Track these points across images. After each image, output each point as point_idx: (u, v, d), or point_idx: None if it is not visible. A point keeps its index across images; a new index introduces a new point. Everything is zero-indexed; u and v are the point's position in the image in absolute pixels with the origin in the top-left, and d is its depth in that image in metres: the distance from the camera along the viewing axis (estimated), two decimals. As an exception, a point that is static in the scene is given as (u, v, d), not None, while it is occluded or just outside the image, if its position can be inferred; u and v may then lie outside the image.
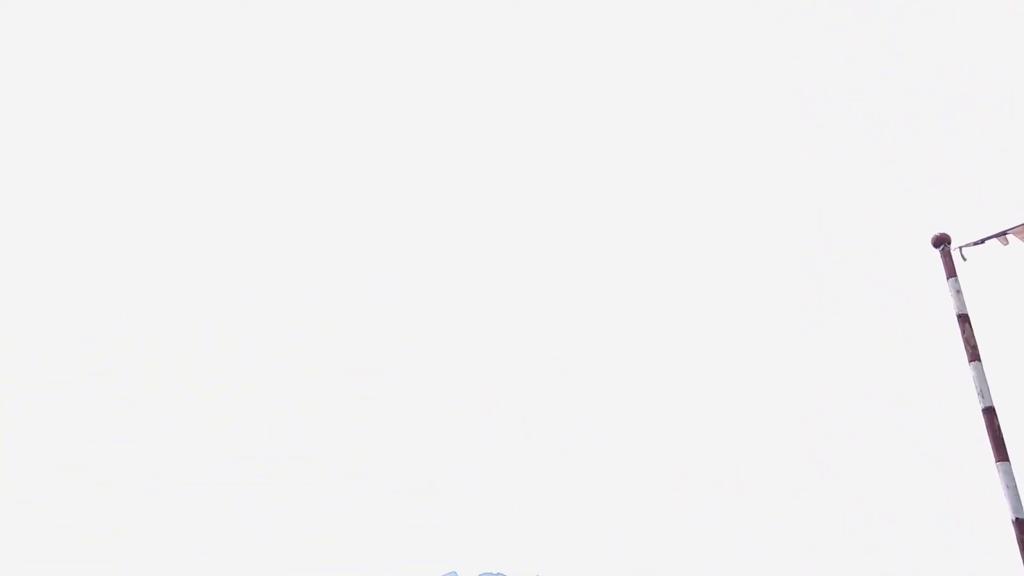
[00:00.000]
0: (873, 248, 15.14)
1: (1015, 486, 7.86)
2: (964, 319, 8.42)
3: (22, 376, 17.59)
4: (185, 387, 17.76)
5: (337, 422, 17.28)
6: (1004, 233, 8.74)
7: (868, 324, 15.04)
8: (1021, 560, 7.78)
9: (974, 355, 8.31)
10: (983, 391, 8.19)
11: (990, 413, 8.12)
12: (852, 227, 16.02)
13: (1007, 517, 7.80)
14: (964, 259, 8.69)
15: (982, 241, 8.75)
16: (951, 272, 8.61)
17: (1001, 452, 7.99)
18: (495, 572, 14.12)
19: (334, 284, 18.56)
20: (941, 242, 8.70)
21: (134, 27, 18.66)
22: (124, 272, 18.77)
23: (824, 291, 15.75)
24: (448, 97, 18.74)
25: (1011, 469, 7.93)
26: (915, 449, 13.56)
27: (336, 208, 19.02)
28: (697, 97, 18.54)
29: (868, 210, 15.99)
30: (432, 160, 19.01)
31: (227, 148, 19.15)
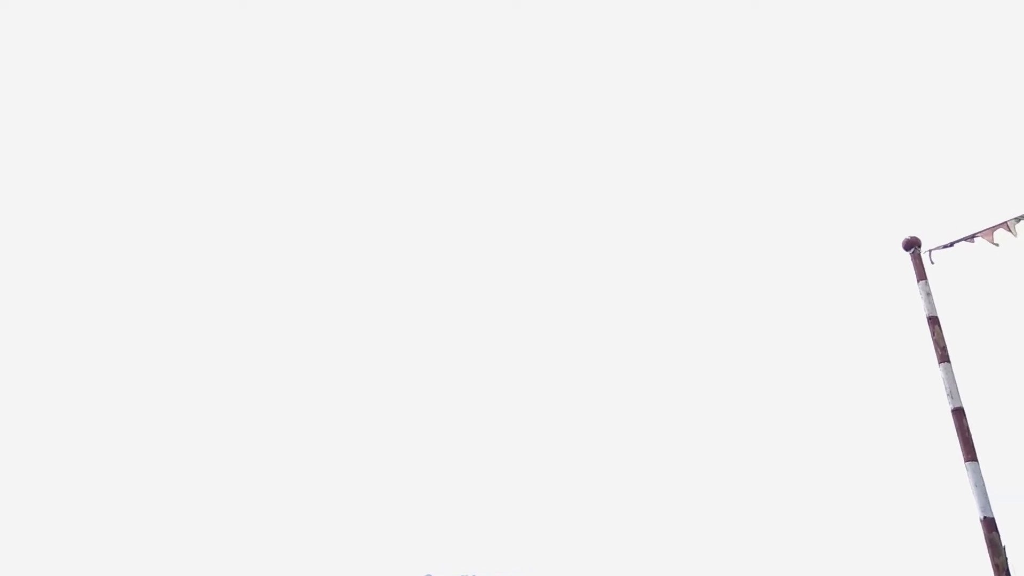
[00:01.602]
0: (843, 250, 15.31)
1: (983, 485, 8.00)
2: (934, 321, 8.55)
3: (22, 376, 17.48)
4: (176, 386, 17.68)
5: (307, 422, 17.25)
6: (972, 236, 8.88)
7: (839, 326, 15.20)
8: (988, 558, 7.92)
9: (943, 356, 8.44)
10: (952, 392, 8.32)
11: (959, 414, 8.24)
12: (822, 229, 16.19)
13: (975, 516, 7.94)
14: (933, 262, 8.82)
15: (951, 244, 8.89)
16: (921, 275, 8.73)
17: (970, 452, 8.12)
18: (471, 574, 14.14)
19: (330, 283, 18.54)
20: (911, 245, 8.82)
21: (134, 27, 18.57)
22: (123, 272, 18.66)
23: (794, 293, 15.91)
24: (448, 97, 18.76)
25: (979, 468, 8.06)
26: (885, 449, 13.73)
27: (336, 208, 18.99)
28: (663, 98, 18.68)
29: (838, 213, 16.16)
30: (432, 160, 19.02)
31: (226, 148, 19.08)
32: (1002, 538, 7.91)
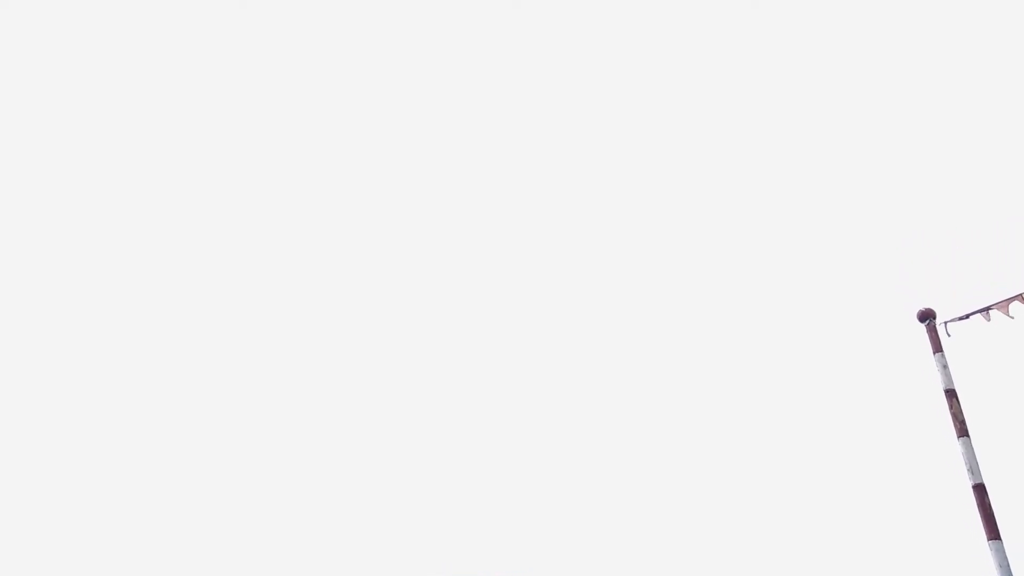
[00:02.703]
0: (858, 323, 15.21)
1: (1007, 565, 7.75)
2: (951, 394, 8.41)
3: (21, 376, 17.50)
4: (176, 386, 17.61)
5: (307, 422, 17.13)
6: (987, 309, 8.80)
7: (855, 399, 15.00)
8: (1016, 642, 7.63)
9: (962, 431, 8.28)
10: (972, 467, 8.13)
11: (980, 490, 8.04)
12: (836, 301, 16.12)
13: (1001, 597, 7.67)
14: (949, 335, 8.73)
15: (967, 316, 8.80)
16: (937, 347, 8.62)
17: (992, 530, 7.90)
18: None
19: (328, 283, 18.53)
20: (926, 317, 8.73)
21: (134, 27, 18.90)
22: (123, 272, 18.73)
23: (810, 364, 15.75)
24: (448, 97, 18.92)
25: (1003, 547, 7.81)
26: (904, 528, 13.41)
27: (336, 208, 19.07)
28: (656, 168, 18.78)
29: (852, 284, 16.11)
30: (432, 161, 19.13)
31: (226, 148, 19.26)
32: (1029, 621, 7.64)
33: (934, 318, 8.73)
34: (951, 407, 8.36)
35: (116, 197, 18.92)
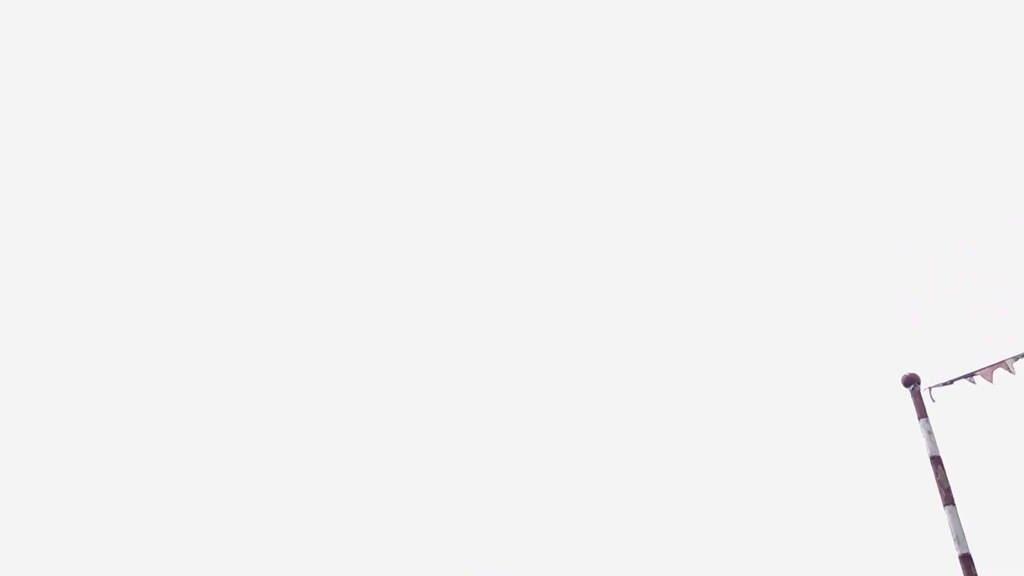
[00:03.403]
0: (842, 387, 15.14)
1: (996, 638, 7.56)
2: (937, 461, 8.30)
3: (21, 376, 17.32)
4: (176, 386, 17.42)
5: (307, 422, 16.95)
6: (972, 375, 8.75)
7: (841, 466, 14.87)
8: None
9: (948, 499, 8.15)
10: (959, 536, 7.98)
11: (967, 561, 7.89)
12: (820, 365, 16.08)
13: (990, 672, 7.48)
14: (933, 400, 8.65)
15: (951, 382, 8.74)
16: (922, 413, 8.54)
17: (980, 601, 7.73)
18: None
19: (329, 283, 18.41)
20: (911, 382, 8.66)
21: (134, 27, 18.96)
22: (123, 272, 18.60)
23: (794, 429, 15.65)
24: (448, 97, 18.95)
25: (991, 620, 7.64)
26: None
27: (336, 208, 18.99)
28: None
29: (836, 348, 16.09)
30: (432, 161, 19.11)
31: (226, 148, 19.22)
32: None
33: (919, 383, 8.66)
34: (936, 474, 8.25)
35: (116, 197, 18.98)
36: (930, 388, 8.65)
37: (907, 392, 8.64)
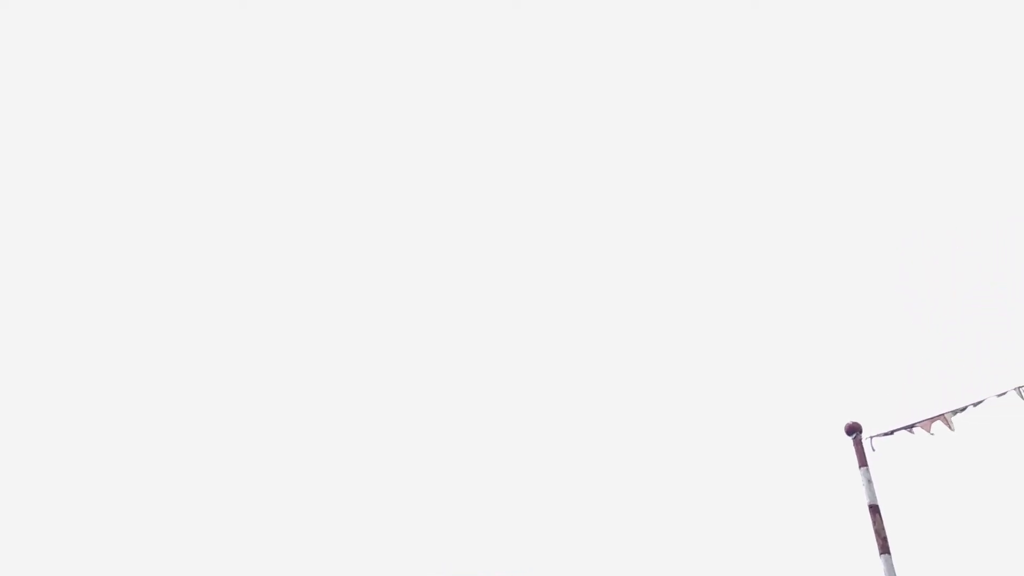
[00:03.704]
0: (785, 434, 15.32)
1: None
2: (875, 510, 8.43)
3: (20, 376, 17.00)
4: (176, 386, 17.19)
5: (307, 422, 16.78)
6: (912, 426, 8.92)
7: (778, 511, 15.01)
8: None
9: (884, 547, 8.28)
10: (893, 585, 8.11)
11: (900, 609, 8.01)
12: (764, 412, 16.26)
13: None
14: (874, 449, 8.80)
15: (891, 432, 8.90)
16: (863, 461, 8.68)
17: (911, 650, 7.84)
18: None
19: (328, 283, 18.26)
20: (853, 430, 8.80)
21: (134, 27, 18.78)
22: (124, 272, 18.33)
23: (736, 473, 15.76)
24: (448, 97, 18.92)
25: (921, 669, 7.75)
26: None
27: (335, 208, 18.84)
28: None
29: (780, 395, 16.28)
30: (431, 160, 19.04)
31: (226, 148, 19.03)
32: None
33: (861, 432, 8.81)
34: (874, 523, 8.38)
35: (116, 197, 18.80)
36: (871, 437, 8.81)
37: (849, 440, 8.79)
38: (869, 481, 8.56)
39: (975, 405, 8.80)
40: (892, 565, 8.18)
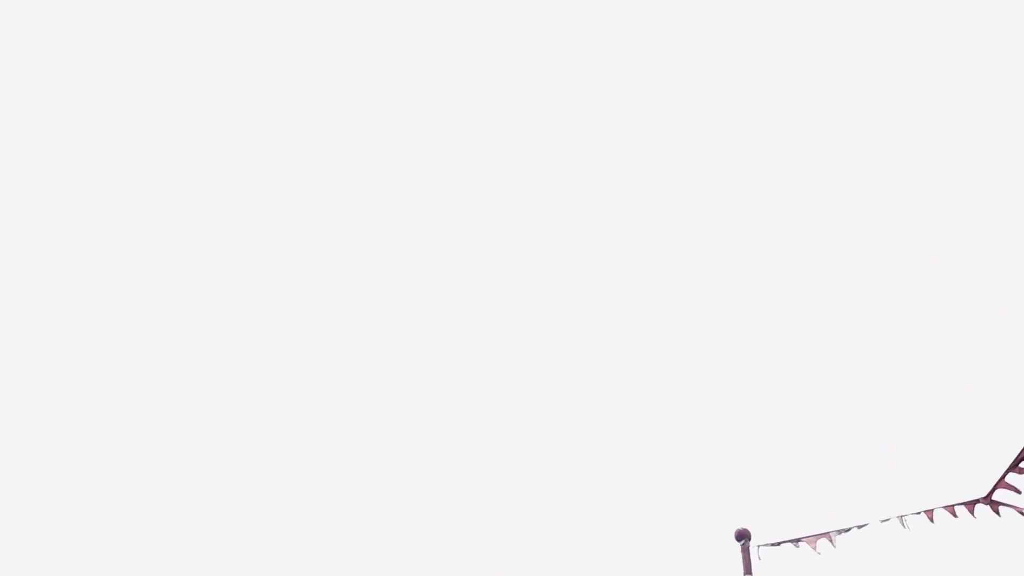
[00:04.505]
0: (675, 537, 15.47)
1: None
2: (755, 619, 8.49)
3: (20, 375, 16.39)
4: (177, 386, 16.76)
5: (307, 422, 16.40)
6: (798, 540, 9.07)
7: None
8: None
9: (760, 659, 8.32)
10: None
11: None
12: (655, 514, 16.45)
13: None
14: (760, 558, 8.92)
15: (778, 544, 9.04)
16: (748, 569, 8.77)
17: None
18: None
19: (330, 283, 18.02)
20: (742, 537, 8.91)
21: (134, 27, 18.70)
22: (124, 272, 17.93)
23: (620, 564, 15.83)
24: (448, 97, 18.94)
25: None
26: None
27: (335, 208, 18.65)
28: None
29: (670, 498, 16.50)
30: (431, 160, 18.97)
31: (226, 147, 18.82)
32: None
33: (749, 539, 8.92)
34: (754, 632, 8.43)
35: (115, 196, 18.62)
36: (759, 546, 8.93)
37: (738, 546, 8.89)
38: (752, 590, 8.65)
39: (859, 528, 9.03)
40: None
